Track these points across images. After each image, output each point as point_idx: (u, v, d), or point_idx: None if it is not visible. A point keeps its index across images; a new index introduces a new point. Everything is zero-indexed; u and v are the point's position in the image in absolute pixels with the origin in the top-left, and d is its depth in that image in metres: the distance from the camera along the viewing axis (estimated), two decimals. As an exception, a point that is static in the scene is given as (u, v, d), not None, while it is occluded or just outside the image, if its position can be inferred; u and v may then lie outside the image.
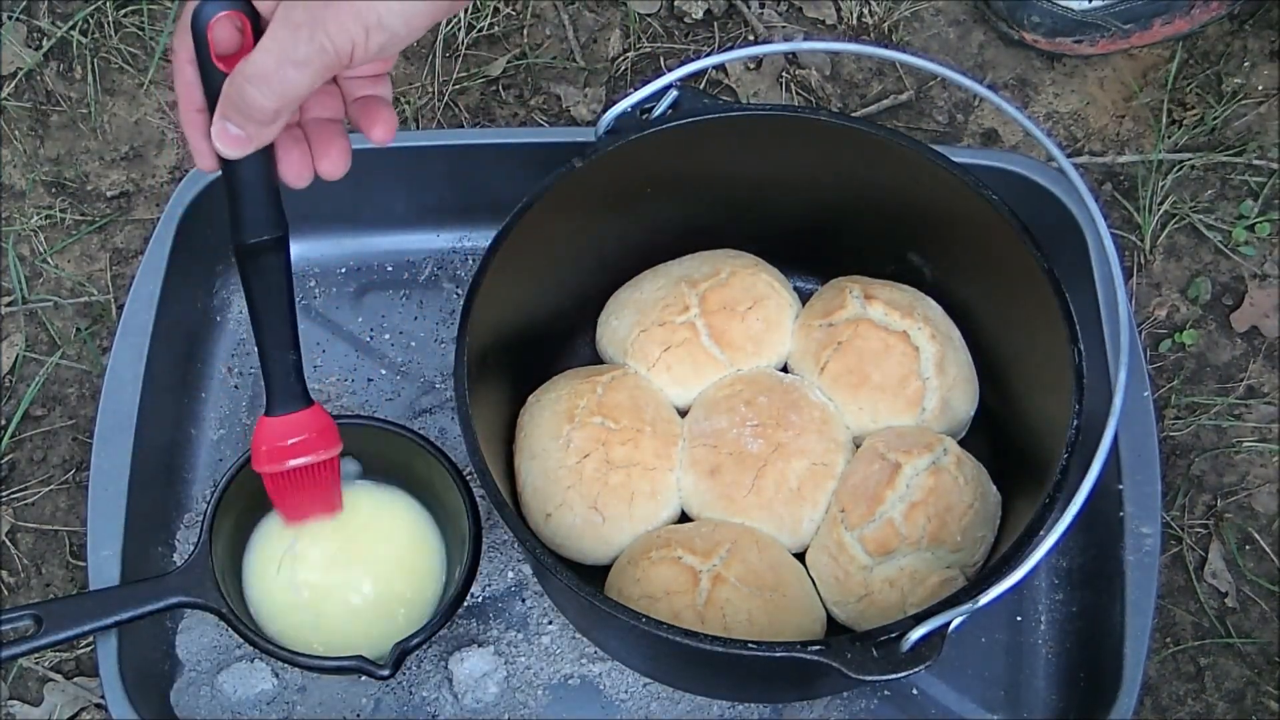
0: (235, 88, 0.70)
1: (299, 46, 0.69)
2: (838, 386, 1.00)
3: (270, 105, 0.70)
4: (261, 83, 0.69)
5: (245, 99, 0.70)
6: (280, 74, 0.69)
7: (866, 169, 0.98)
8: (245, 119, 0.71)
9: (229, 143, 0.72)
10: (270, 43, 0.69)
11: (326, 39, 0.68)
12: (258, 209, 0.79)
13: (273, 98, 0.70)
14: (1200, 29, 1.27)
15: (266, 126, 0.72)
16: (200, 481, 1.08)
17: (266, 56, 0.69)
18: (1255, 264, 1.19)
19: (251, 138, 0.73)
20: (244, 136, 0.72)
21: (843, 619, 0.96)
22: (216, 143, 0.73)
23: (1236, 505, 1.11)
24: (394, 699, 1.00)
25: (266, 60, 0.69)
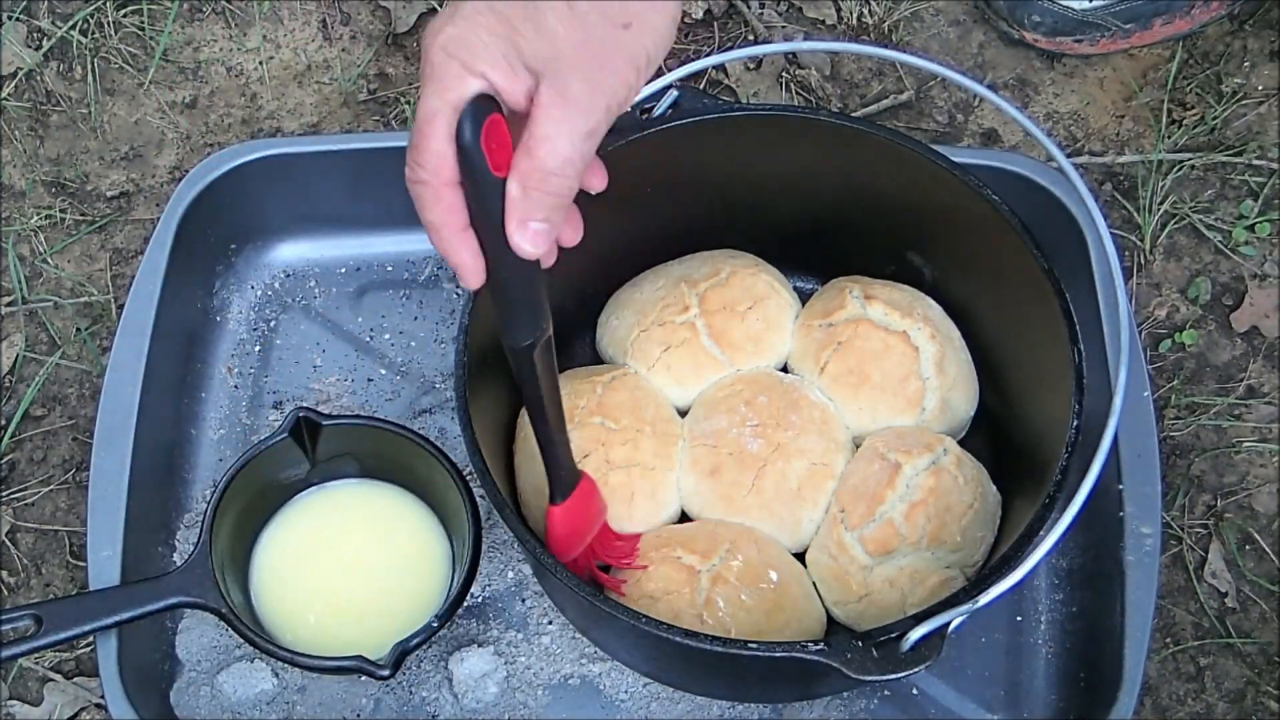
0: (535, 182, 0.66)
1: (589, 117, 0.66)
2: (838, 386, 1.00)
3: (574, 185, 0.67)
4: (566, 168, 0.66)
5: (550, 190, 0.67)
6: (579, 152, 0.66)
7: (866, 169, 0.98)
8: (551, 210, 0.68)
9: (537, 240, 0.68)
10: (556, 126, 0.65)
11: (610, 96, 0.66)
12: (533, 308, 0.75)
13: (576, 178, 0.67)
14: (1200, 29, 1.27)
15: (566, 209, 0.69)
16: (200, 481, 1.08)
17: (559, 140, 0.66)
18: (1255, 264, 1.19)
19: (556, 226, 0.69)
20: (549, 229, 0.68)
21: (843, 619, 0.96)
22: (525, 245, 0.68)
23: (1236, 505, 1.11)
24: (394, 699, 1.00)
25: (562, 146, 0.66)
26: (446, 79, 0.65)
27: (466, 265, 0.70)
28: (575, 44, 0.65)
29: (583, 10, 0.65)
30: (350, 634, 0.97)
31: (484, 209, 0.68)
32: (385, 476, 1.03)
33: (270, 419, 1.10)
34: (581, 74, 0.65)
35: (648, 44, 0.67)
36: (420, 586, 0.99)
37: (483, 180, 0.67)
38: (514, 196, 0.67)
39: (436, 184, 0.67)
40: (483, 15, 0.65)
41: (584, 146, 0.67)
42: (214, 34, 1.29)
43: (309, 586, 0.99)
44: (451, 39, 0.65)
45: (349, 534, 1.02)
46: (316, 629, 0.98)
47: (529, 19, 0.65)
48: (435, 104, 0.65)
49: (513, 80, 0.66)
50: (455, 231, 0.69)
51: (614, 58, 0.66)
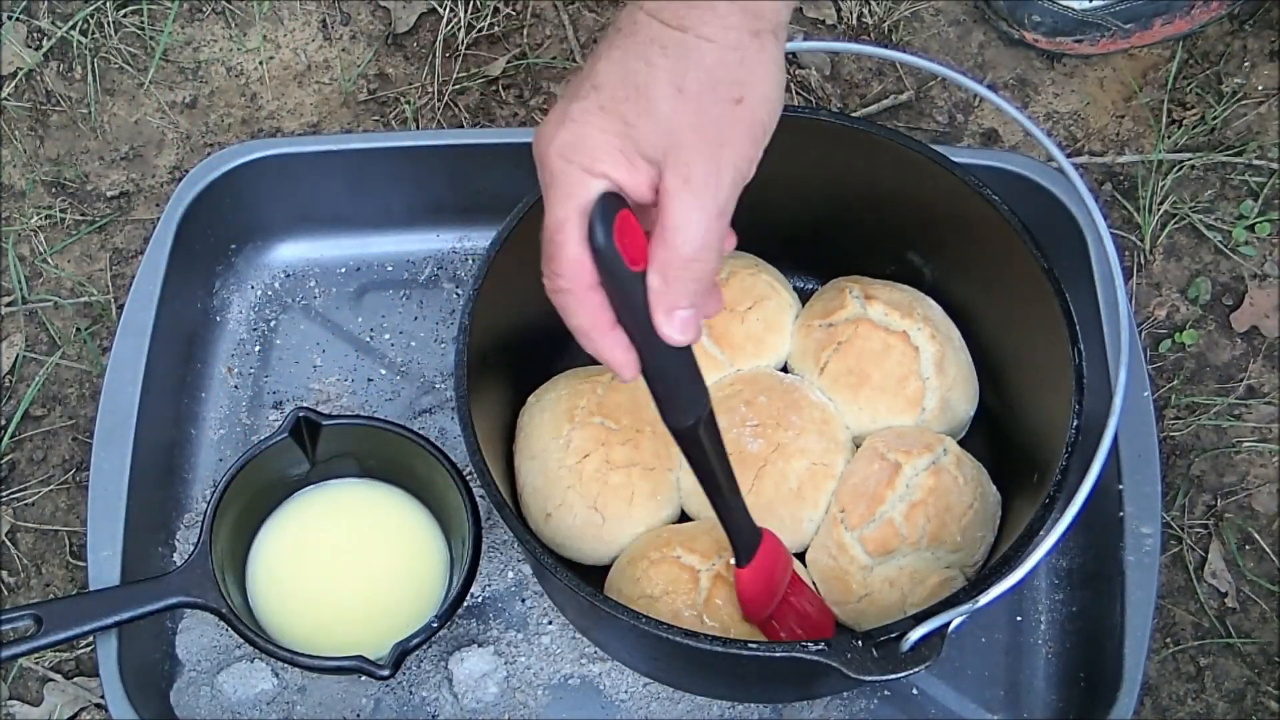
0: (675, 271, 0.66)
1: (717, 196, 0.66)
2: (838, 386, 1.00)
3: (715, 267, 0.67)
4: (704, 253, 0.66)
5: (693, 276, 0.66)
6: (714, 233, 0.66)
7: (866, 169, 0.98)
8: (695, 295, 0.67)
9: (686, 328, 0.68)
10: (687, 212, 0.65)
11: (735, 172, 0.66)
12: (692, 388, 0.75)
13: (715, 259, 0.67)
14: (1200, 29, 1.27)
15: (710, 290, 0.69)
16: (200, 481, 1.08)
17: (691, 227, 0.65)
18: (1255, 264, 1.19)
19: (701, 310, 0.68)
20: (696, 314, 0.68)
21: (843, 619, 0.96)
22: (676, 335, 0.68)
23: (1236, 505, 1.11)
24: (394, 699, 1.00)
25: (694, 231, 0.65)
26: (569, 185, 0.65)
27: (620, 360, 0.70)
28: (691, 126, 0.65)
29: (693, 92, 0.65)
30: (350, 634, 0.97)
31: (628, 305, 0.67)
32: (385, 476, 1.03)
33: (270, 419, 1.10)
34: (703, 155, 0.65)
35: (762, 115, 0.66)
36: (420, 586, 0.99)
37: (622, 277, 0.66)
38: (656, 288, 0.67)
39: (579, 290, 0.67)
40: (593, 115, 0.65)
41: (717, 226, 0.66)
42: (214, 34, 1.29)
43: (309, 586, 0.99)
44: (567, 144, 0.65)
45: (349, 534, 1.02)
46: (316, 629, 0.98)
47: (641, 112, 0.65)
48: (563, 211, 0.65)
49: (634, 174, 0.65)
50: (604, 332, 0.69)
51: (730, 134, 0.65)
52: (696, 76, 0.65)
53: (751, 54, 0.66)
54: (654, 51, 0.65)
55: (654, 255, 0.66)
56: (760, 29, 0.66)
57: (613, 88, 0.65)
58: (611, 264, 0.66)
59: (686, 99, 0.64)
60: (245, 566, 1.00)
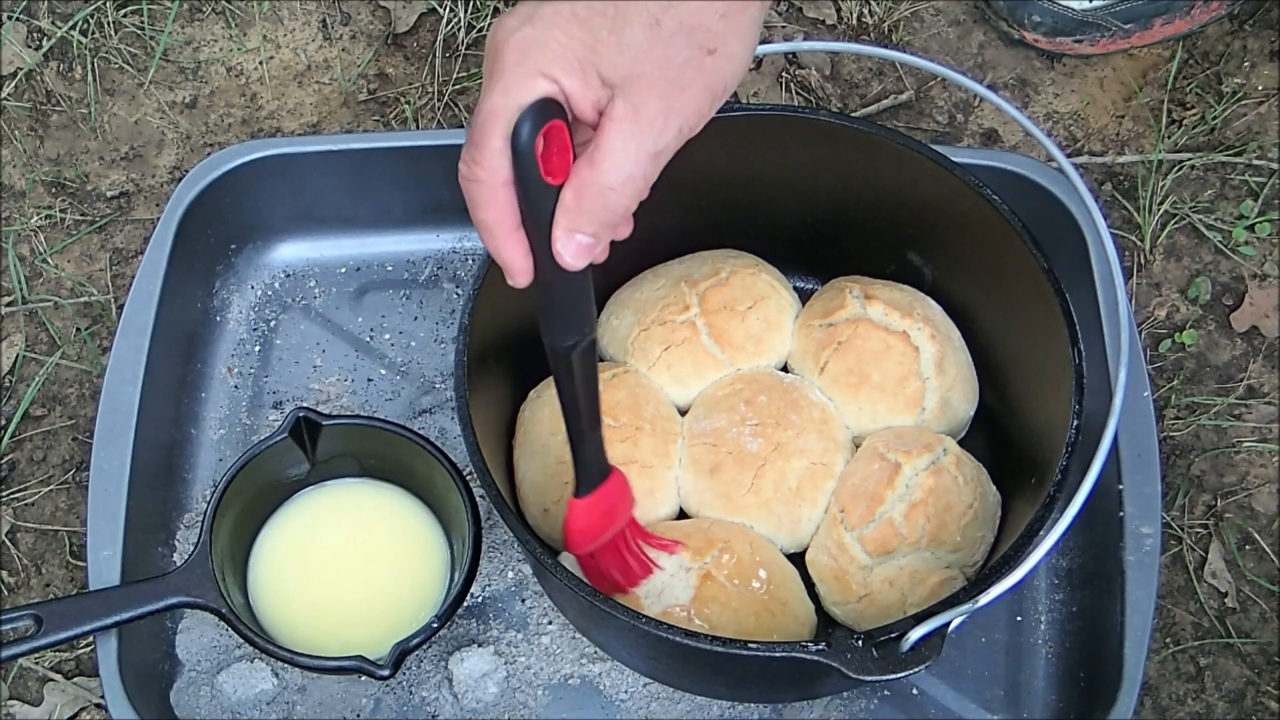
0: (591, 197, 0.65)
1: (660, 137, 0.64)
2: (838, 386, 1.00)
3: (631, 205, 0.66)
4: (625, 185, 0.65)
5: (605, 205, 0.65)
6: (643, 172, 0.65)
7: (866, 169, 0.98)
8: (600, 225, 0.66)
9: (581, 253, 0.67)
10: (624, 142, 0.64)
11: (683, 120, 0.65)
12: (578, 311, 0.75)
13: (633, 197, 0.66)
14: (1200, 29, 1.27)
15: (616, 228, 0.68)
16: (200, 481, 1.08)
17: (624, 157, 0.64)
18: (1255, 264, 1.19)
19: (602, 242, 0.68)
20: (594, 243, 0.67)
21: (843, 619, 0.96)
22: (566, 256, 0.67)
23: (1236, 505, 1.11)
24: (394, 699, 1.00)
25: (625, 160, 0.64)
26: (515, 78, 0.64)
27: (516, 264, 0.69)
28: (657, 62, 0.64)
29: (670, 29, 0.64)
30: (350, 634, 0.97)
31: (534, 212, 0.67)
32: (385, 476, 1.03)
33: (270, 419, 1.10)
34: (659, 93, 0.64)
35: (726, 72, 0.66)
36: (420, 586, 0.99)
37: (534, 184, 0.66)
38: (566, 204, 0.66)
39: (492, 184, 0.66)
40: (563, 19, 0.64)
41: (648, 166, 0.65)
42: (214, 34, 1.29)
43: (309, 586, 0.99)
44: (527, 38, 0.64)
45: (349, 534, 1.02)
46: (316, 629, 0.98)
47: (614, 31, 0.63)
48: (499, 102, 0.64)
49: (584, 89, 0.64)
50: (507, 231, 0.68)
51: (694, 82, 0.65)
52: (677, 15, 0.64)
53: (735, 9, 0.65)
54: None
55: (576, 172, 0.65)
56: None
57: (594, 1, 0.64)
58: (528, 167, 0.65)
59: (661, 34, 0.64)
60: (245, 566, 1.00)
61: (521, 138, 0.64)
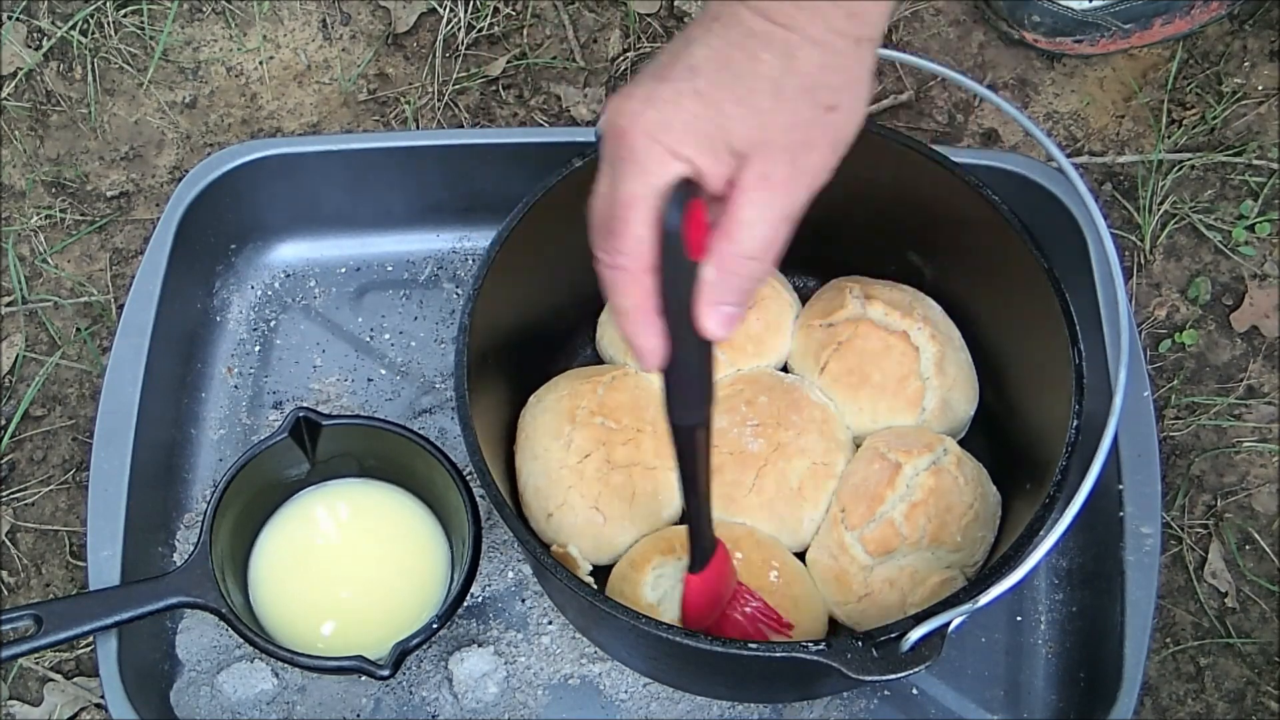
0: (733, 267, 0.65)
1: (792, 200, 0.65)
2: (838, 386, 1.00)
3: (768, 272, 0.66)
4: (764, 254, 0.65)
5: (748, 276, 0.65)
6: (778, 236, 0.65)
7: (866, 169, 0.98)
8: (743, 295, 0.66)
9: (726, 324, 0.67)
10: (758, 210, 0.64)
11: (812, 179, 0.65)
12: (704, 388, 0.74)
13: (771, 263, 0.66)
14: (1200, 29, 1.27)
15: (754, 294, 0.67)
16: (200, 481, 1.08)
17: (760, 225, 0.64)
18: (1255, 264, 1.19)
19: (744, 310, 0.67)
20: (739, 313, 0.67)
21: (843, 619, 0.96)
22: (718, 331, 0.67)
23: (1236, 505, 1.11)
24: (394, 699, 1.00)
25: (761, 229, 0.64)
26: (649, 163, 0.64)
27: (654, 350, 0.68)
28: (782, 128, 0.64)
29: (791, 93, 0.63)
30: (350, 634, 0.97)
31: (676, 293, 0.66)
32: (385, 476, 1.03)
33: (270, 419, 1.10)
34: (788, 157, 0.64)
35: (849, 126, 0.66)
36: (420, 586, 0.99)
37: (681, 264, 0.65)
38: (709, 280, 0.66)
39: (635, 270, 0.65)
40: (687, 99, 0.64)
41: (783, 231, 0.65)
42: (214, 34, 1.29)
43: (309, 586, 0.99)
44: (653, 122, 0.63)
45: (349, 534, 1.02)
46: (316, 628, 0.98)
47: (738, 102, 0.63)
48: (638, 189, 0.64)
49: (716, 164, 0.64)
50: (648, 315, 0.67)
51: (817, 140, 0.65)
52: (798, 78, 0.63)
53: (851, 61, 0.64)
54: (757, 45, 0.63)
55: (715, 247, 0.65)
56: (862, 36, 0.64)
57: (712, 75, 0.63)
58: (674, 249, 0.64)
59: (784, 98, 0.63)
60: (245, 566, 1.00)
61: (673, 222, 0.64)
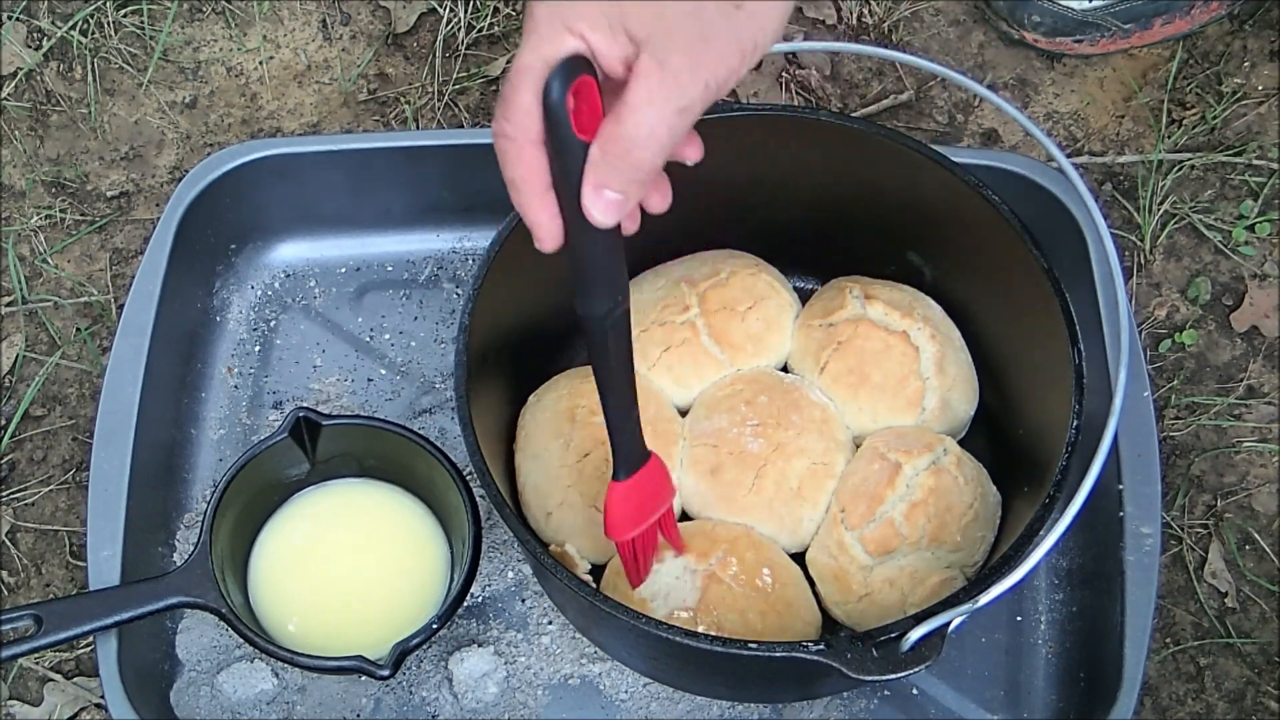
0: (616, 152, 0.65)
1: (686, 92, 0.64)
2: (838, 386, 1.00)
3: (658, 161, 0.66)
4: (650, 141, 0.64)
5: (631, 161, 0.65)
6: (668, 126, 0.64)
7: (866, 169, 0.98)
8: (628, 182, 0.66)
9: (609, 210, 0.67)
10: (648, 96, 0.63)
11: (711, 75, 0.64)
12: (610, 277, 0.73)
13: (660, 153, 0.65)
14: (1200, 29, 1.27)
15: (645, 185, 0.67)
16: (200, 481, 1.08)
17: (650, 113, 0.64)
18: (1255, 264, 1.19)
19: (630, 200, 0.67)
20: (623, 200, 0.67)
21: (843, 619, 0.96)
22: (595, 213, 0.67)
23: (1236, 505, 1.11)
24: (394, 699, 1.00)
25: (650, 117, 0.64)
26: (544, 34, 0.64)
27: (543, 226, 0.68)
28: (683, 15, 0.63)
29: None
30: (350, 634, 0.97)
31: (564, 171, 0.66)
32: (385, 476, 1.03)
33: (270, 419, 1.10)
34: (685, 48, 0.63)
35: (755, 29, 0.64)
36: (420, 586, 0.99)
37: (565, 140, 0.65)
38: (594, 160, 0.66)
39: (521, 140, 0.66)
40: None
41: (675, 122, 0.64)
42: (214, 34, 1.29)
43: (309, 586, 0.99)
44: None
45: (349, 534, 1.02)
46: (316, 629, 0.98)
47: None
48: (529, 59, 0.64)
49: (612, 44, 0.64)
50: (536, 191, 0.67)
51: (721, 36, 0.64)
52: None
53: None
54: None
55: (603, 129, 0.65)
56: None
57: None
58: (558, 123, 0.64)
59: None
60: (245, 566, 1.00)
61: (552, 94, 0.64)
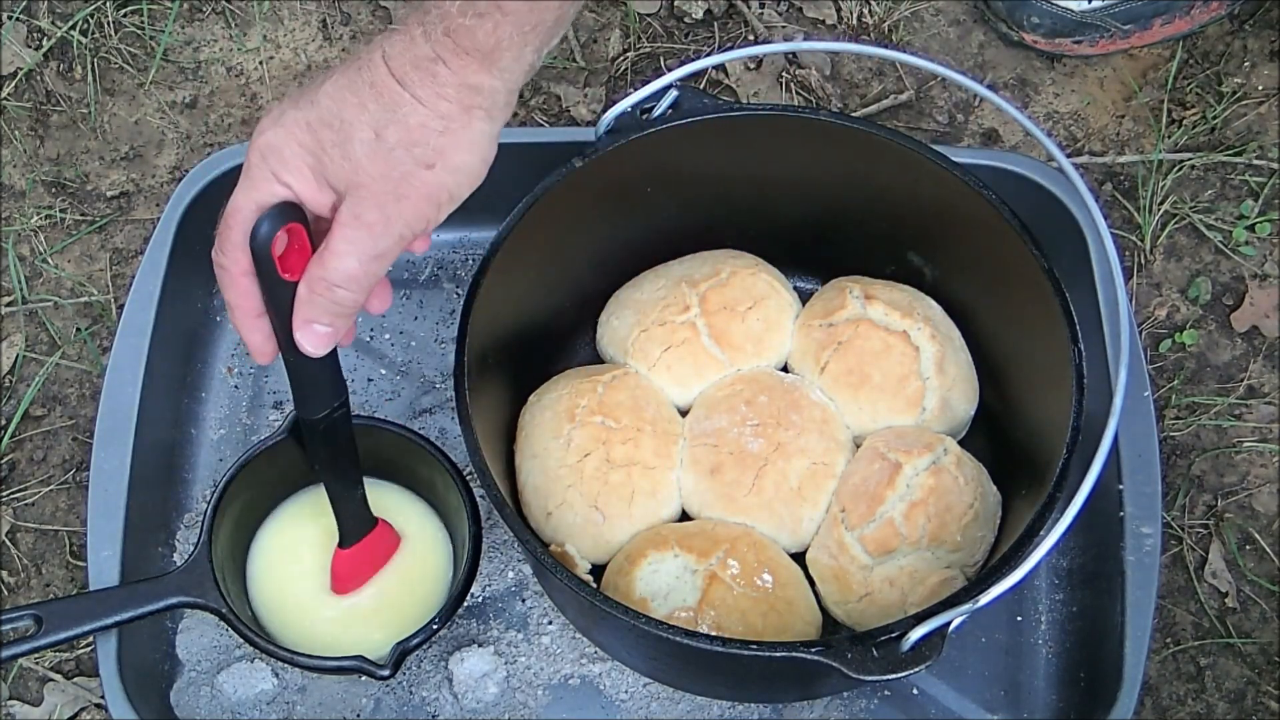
0: (321, 293, 0.72)
1: (379, 242, 0.71)
2: (838, 386, 1.00)
3: (359, 299, 0.73)
4: (350, 284, 0.72)
5: (334, 300, 0.72)
6: (365, 270, 0.71)
7: (866, 169, 0.98)
8: (334, 317, 0.74)
9: (319, 342, 0.75)
10: (348, 245, 0.70)
11: (405, 227, 0.71)
12: (327, 386, 0.83)
13: (360, 293, 0.73)
14: (1200, 29, 1.27)
15: (352, 317, 0.74)
16: (200, 481, 1.08)
17: (349, 260, 0.71)
18: (1255, 264, 1.19)
19: (339, 331, 0.75)
20: (332, 332, 0.75)
21: (843, 619, 0.96)
22: (306, 345, 0.75)
23: (1236, 505, 1.11)
24: (394, 699, 1.00)
25: (349, 263, 0.71)
26: (257, 180, 0.71)
27: (257, 346, 0.77)
28: (376, 175, 0.69)
29: (389, 145, 0.69)
30: (350, 634, 0.97)
31: (274, 304, 0.74)
32: (385, 476, 1.03)
33: (270, 419, 1.10)
34: (378, 203, 0.70)
35: (449, 183, 0.71)
36: (420, 586, 0.99)
37: (271, 279, 0.73)
38: (302, 298, 0.73)
39: (234, 272, 0.73)
40: (299, 129, 0.70)
41: (371, 267, 0.72)
42: (214, 34, 1.29)
43: (309, 586, 0.99)
44: (269, 144, 0.71)
45: (349, 534, 1.02)
46: (316, 629, 0.98)
47: (337, 144, 0.69)
48: (241, 200, 0.71)
49: (317, 193, 0.71)
50: (247, 315, 0.75)
51: (413, 193, 0.70)
52: (397, 131, 0.69)
53: (457, 126, 0.70)
54: (369, 95, 0.69)
55: (309, 270, 0.73)
56: (473, 105, 0.70)
57: (323, 112, 0.70)
58: (264, 266, 0.72)
59: (381, 148, 0.69)
60: (245, 566, 1.00)
61: (258, 238, 0.71)
